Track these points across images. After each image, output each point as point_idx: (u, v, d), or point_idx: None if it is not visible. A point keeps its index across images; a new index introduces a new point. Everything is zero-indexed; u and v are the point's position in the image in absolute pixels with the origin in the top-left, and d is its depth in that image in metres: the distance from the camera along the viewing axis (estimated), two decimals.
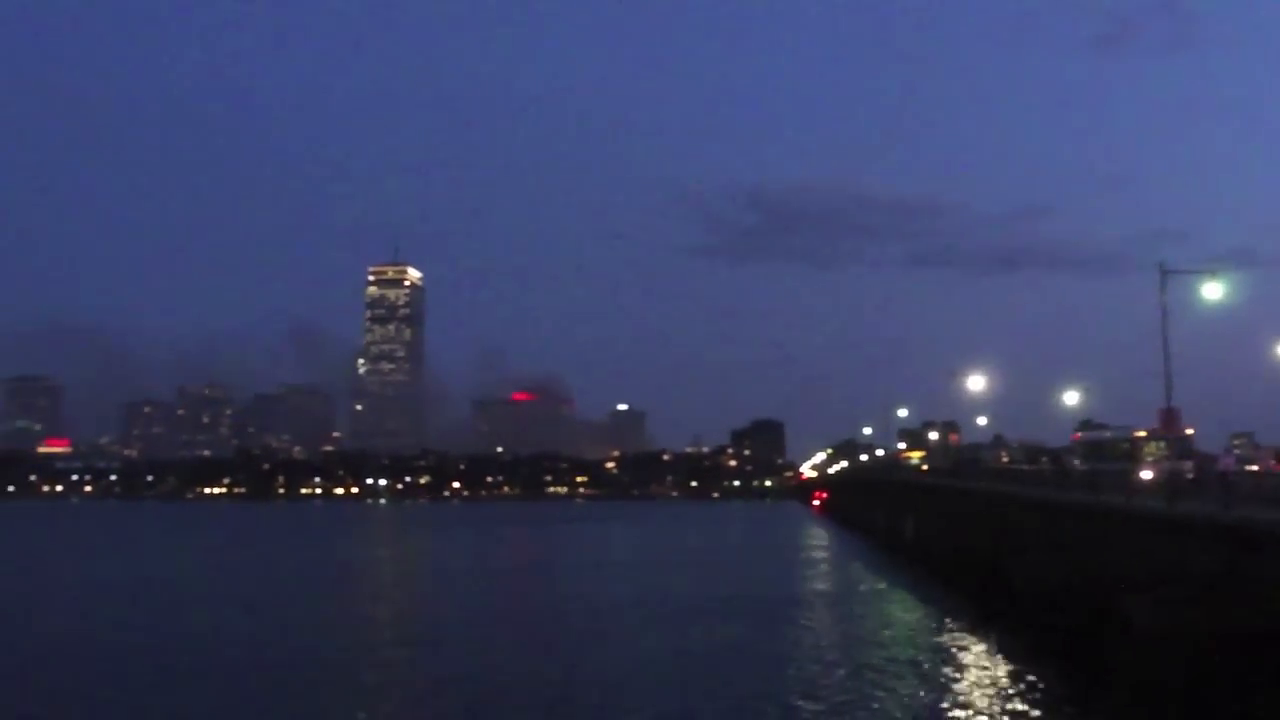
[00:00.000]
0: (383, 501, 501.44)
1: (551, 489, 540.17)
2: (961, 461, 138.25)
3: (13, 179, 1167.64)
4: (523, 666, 51.91)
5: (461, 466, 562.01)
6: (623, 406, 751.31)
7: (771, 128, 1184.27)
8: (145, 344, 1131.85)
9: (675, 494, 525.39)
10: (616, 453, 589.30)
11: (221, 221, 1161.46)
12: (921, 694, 44.44)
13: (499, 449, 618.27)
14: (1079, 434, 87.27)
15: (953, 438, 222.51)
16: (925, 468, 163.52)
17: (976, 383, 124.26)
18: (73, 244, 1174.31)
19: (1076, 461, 78.25)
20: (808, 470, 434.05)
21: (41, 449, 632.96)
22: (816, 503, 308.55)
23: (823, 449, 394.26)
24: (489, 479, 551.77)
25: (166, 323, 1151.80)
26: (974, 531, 77.30)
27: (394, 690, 47.02)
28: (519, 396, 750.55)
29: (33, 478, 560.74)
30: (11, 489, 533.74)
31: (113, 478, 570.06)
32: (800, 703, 42.72)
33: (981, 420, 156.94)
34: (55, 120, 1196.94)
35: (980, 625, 61.15)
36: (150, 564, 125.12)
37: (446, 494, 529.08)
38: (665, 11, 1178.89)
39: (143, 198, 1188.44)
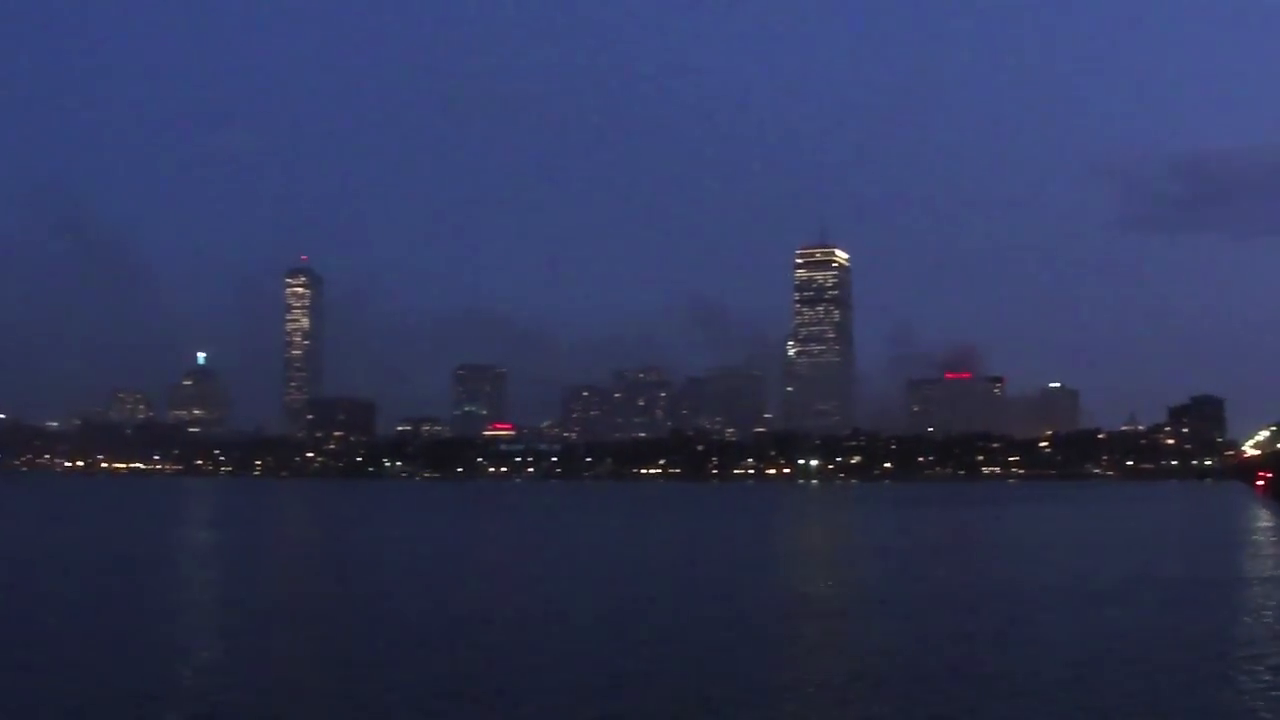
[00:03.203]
0: (814, 482, 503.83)
1: (984, 469, 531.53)
2: None
3: (448, 176, 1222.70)
4: (936, 641, 50.98)
5: (892, 446, 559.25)
6: (1054, 384, 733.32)
7: (1198, 93, 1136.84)
8: (582, 330, 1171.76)
9: (1110, 474, 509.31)
10: (1049, 432, 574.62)
11: (652, 209, 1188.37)
12: None
13: (930, 429, 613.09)
14: None
15: None
16: None
17: None
18: (510, 237, 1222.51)
19: None
20: (1250, 449, 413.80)
21: (487, 433, 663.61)
22: (1260, 483, 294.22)
23: (1267, 426, 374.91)
24: (920, 459, 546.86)
25: (601, 310, 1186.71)
26: None
27: (810, 658, 47.44)
28: (951, 375, 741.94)
29: (480, 459, 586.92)
30: (460, 470, 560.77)
31: (553, 459, 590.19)
32: (1222, 694, 39.66)
33: None
34: (487, 119, 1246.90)
35: None
36: (604, 538, 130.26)
37: (877, 474, 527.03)
38: None
39: (575, 189, 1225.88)
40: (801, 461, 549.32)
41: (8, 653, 46.18)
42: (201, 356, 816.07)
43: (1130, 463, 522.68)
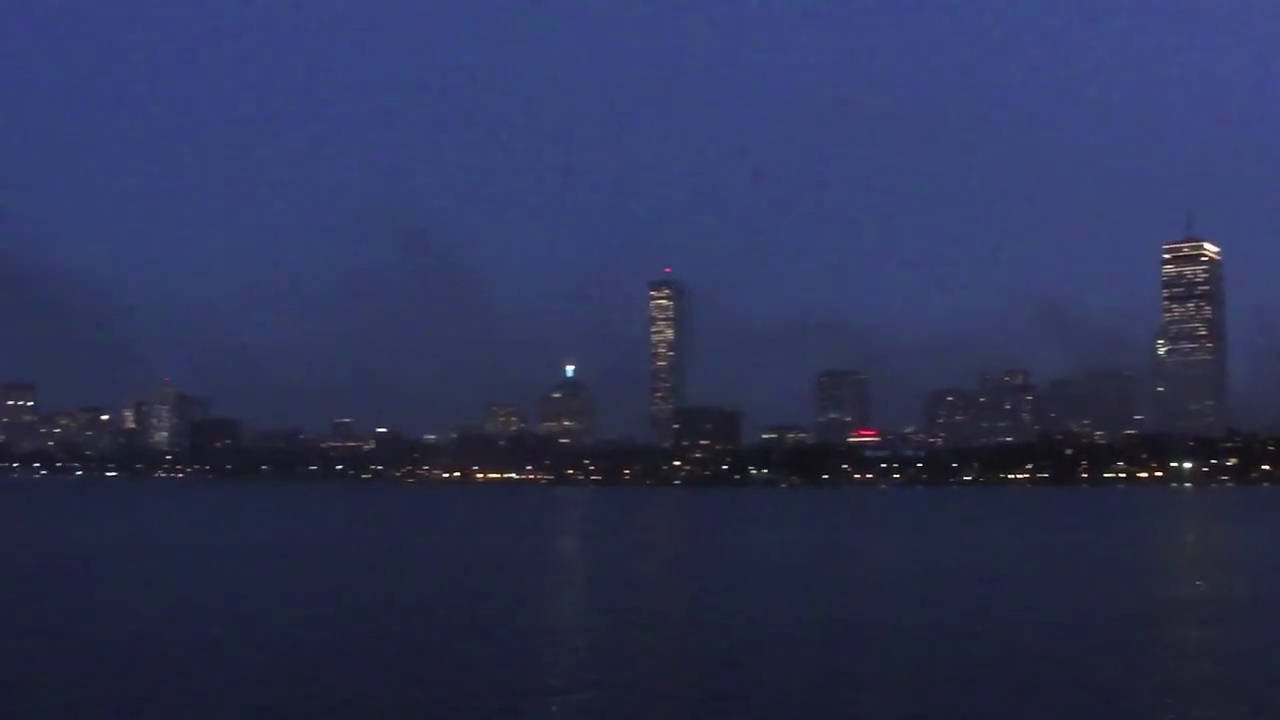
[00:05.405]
0: (1187, 485, 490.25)
1: None
2: None
3: (804, 184, 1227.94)
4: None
5: (1269, 447, 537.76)
6: None
7: None
8: (941, 333, 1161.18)
9: None
10: None
11: (1009, 208, 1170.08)
12: None
13: None
14: None
15: None
16: None
17: None
18: (866, 241, 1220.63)
19: None
20: None
21: (851, 439, 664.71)
22: None
23: None
24: None
25: (960, 312, 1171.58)
26: None
27: (1163, 663, 49.60)
28: None
29: (844, 466, 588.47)
30: (825, 477, 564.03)
31: (919, 465, 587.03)
32: None
33: None
34: (839, 124, 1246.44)
35: None
36: (974, 542, 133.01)
37: (1254, 476, 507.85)
38: None
39: (931, 192, 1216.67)
40: (1174, 464, 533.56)
41: (390, 649, 50.90)
42: (570, 369, 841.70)
43: None
